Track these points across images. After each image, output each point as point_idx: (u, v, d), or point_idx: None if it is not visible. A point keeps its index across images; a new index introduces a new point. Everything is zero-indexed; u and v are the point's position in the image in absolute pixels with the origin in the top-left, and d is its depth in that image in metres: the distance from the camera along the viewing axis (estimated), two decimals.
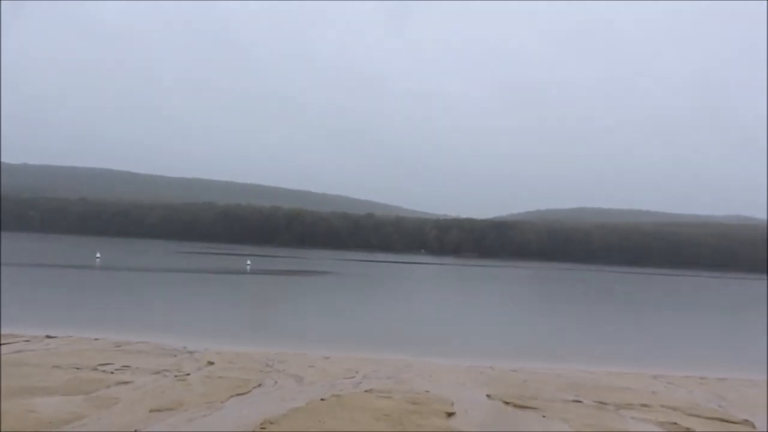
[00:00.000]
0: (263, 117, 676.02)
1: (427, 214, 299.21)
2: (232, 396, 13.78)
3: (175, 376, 15.50)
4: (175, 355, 19.04)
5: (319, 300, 47.22)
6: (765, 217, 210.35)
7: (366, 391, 15.11)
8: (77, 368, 15.71)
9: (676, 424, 13.41)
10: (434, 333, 31.10)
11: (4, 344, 18.76)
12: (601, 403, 15.27)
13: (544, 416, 13.67)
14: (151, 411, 12.01)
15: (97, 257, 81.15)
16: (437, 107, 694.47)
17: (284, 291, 55.69)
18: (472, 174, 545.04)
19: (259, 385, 15.12)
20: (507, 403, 14.76)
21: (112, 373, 15.45)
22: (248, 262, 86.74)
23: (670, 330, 39.19)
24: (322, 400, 13.79)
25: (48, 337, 21.36)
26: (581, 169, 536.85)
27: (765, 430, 13.73)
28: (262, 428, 11.25)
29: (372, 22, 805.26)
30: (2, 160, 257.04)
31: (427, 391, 15.52)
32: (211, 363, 17.84)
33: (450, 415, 13.25)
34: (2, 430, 10.63)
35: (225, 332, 26.23)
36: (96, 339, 21.75)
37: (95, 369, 15.78)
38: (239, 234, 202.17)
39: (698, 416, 14.30)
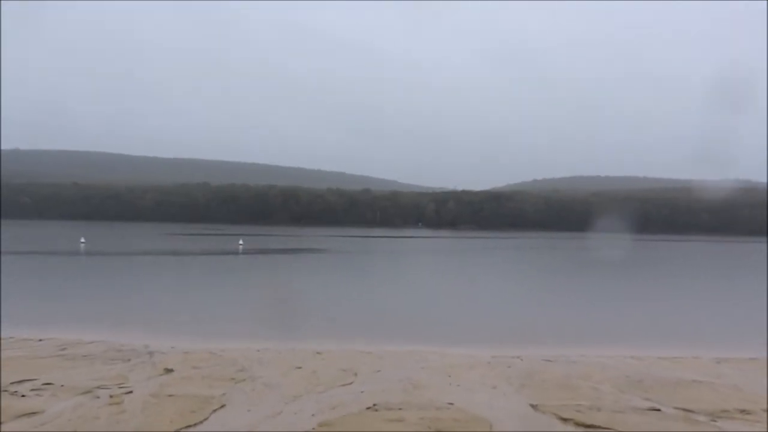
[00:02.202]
0: (257, 94, 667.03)
1: (423, 187, 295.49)
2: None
3: (110, 396, 11.63)
4: (129, 359, 15.26)
5: (312, 281, 43.20)
6: (764, 180, 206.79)
7: (369, 408, 11.27)
8: None
9: None
10: (442, 315, 27.28)
11: None
12: (686, 410, 11.49)
13: None
14: None
15: (82, 242, 77.35)
16: (431, 78, 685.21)
17: (276, 272, 51.69)
18: (467, 146, 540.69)
19: (222, 407, 11.25)
20: (565, 419, 10.88)
21: (22, 396, 11.59)
22: (240, 242, 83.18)
23: (704, 299, 35.68)
24: None
25: None
26: (576, 136, 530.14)
27: None
28: None
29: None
30: None
31: (451, 404, 11.70)
32: (169, 370, 14.04)
33: None
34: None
35: (203, 324, 22.56)
36: (40, 340, 17.98)
37: (4, 390, 11.89)
38: (234, 214, 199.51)
39: None
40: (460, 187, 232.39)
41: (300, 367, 14.75)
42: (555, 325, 24.37)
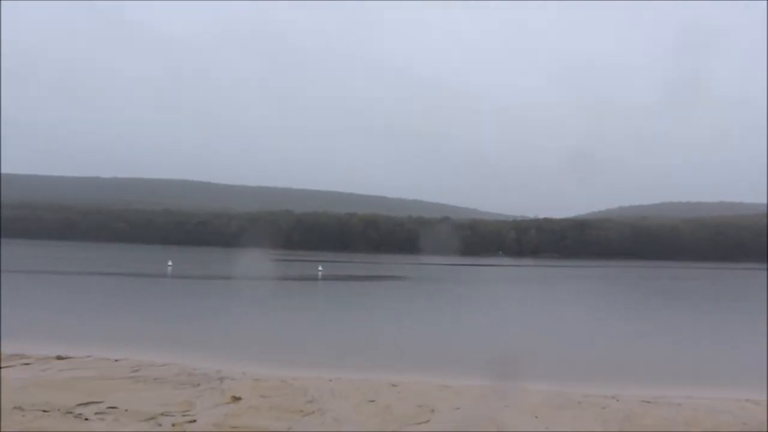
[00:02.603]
0: (338, 125, 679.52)
1: (503, 215, 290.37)
2: None
3: (173, 424, 11.07)
4: (198, 384, 14.78)
5: (389, 308, 42.38)
6: None
7: None
8: (45, 411, 11.59)
9: None
10: (525, 347, 25.57)
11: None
12: None
13: None
14: None
15: (169, 265, 79.65)
16: (503, 104, 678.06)
17: (352, 298, 51.21)
18: (548, 173, 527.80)
19: None
20: None
21: (86, 419, 11.21)
22: (320, 268, 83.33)
23: None
24: None
25: (59, 358, 17.69)
26: (664, 161, 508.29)
27: None
28: None
29: (432, 23, 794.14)
30: (97, 174, 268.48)
31: None
32: (236, 398, 13.39)
33: None
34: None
35: (277, 350, 22.05)
36: (116, 360, 17.86)
37: (69, 412, 11.57)
38: (316, 241, 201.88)
39: None
40: (541, 215, 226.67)
41: (373, 401, 13.79)
42: (652, 362, 22.45)
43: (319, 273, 79.08)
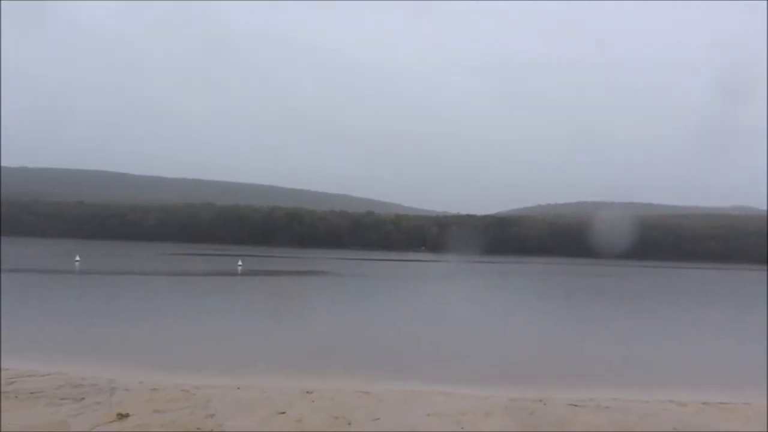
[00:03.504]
0: (261, 115, 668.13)
1: (426, 211, 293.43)
2: None
3: None
4: (82, 398, 12.94)
5: (309, 305, 40.80)
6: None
7: None
8: None
9: None
10: (448, 347, 24.65)
11: None
12: None
13: None
14: None
15: (77, 260, 75.45)
16: (432, 101, 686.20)
17: (272, 295, 49.35)
18: (470, 170, 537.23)
19: None
20: None
21: None
22: (239, 263, 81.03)
23: (738, 332, 33.19)
24: None
25: None
26: (582, 162, 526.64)
27: None
28: None
29: (370, 16, 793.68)
30: (1, 164, 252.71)
31: None
32: (123, 416, 11.70)
33: None
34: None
35: (182, 354, 20.26)
36: None
37: None
38: (238, 235, 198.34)
39: None
40: (463, 212, 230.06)
41: (284, 412, 12.42)
42: (576, 362, 22.02)
43: (239, 268, 76.86)
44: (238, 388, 14.56)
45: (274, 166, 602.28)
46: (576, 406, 13.93)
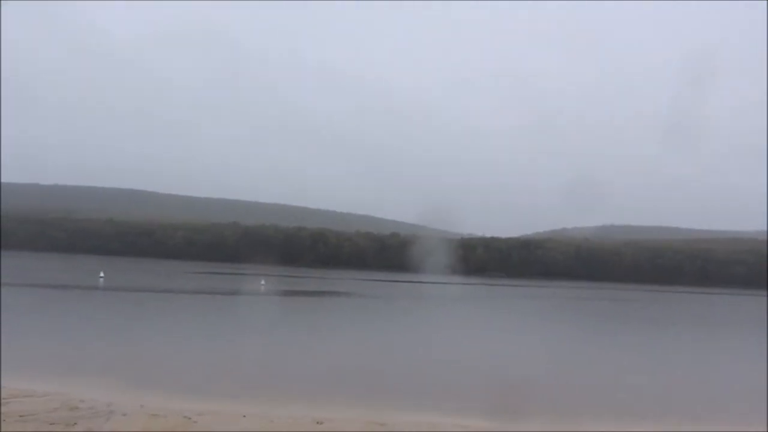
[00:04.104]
0: (287, 138, 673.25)
1: (451, 233, 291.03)
2: None
3: None
4: (74, 423, 12.29)
5: (329, 328, 39.76)
6: None
7: None
8: None
9: None
10: (466, 377, 23.49)
11: None
12: None
13: None
14: None
15: (101, 277, 75.65)
16: (456, 126, 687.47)
17: (293, 315, 48.56)
18: (495, 192, 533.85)
19: None
20: None
21: None
22: (262, 282, 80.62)
23: (753, 362, 31.43)
24: None
25: None
26: (606, 185, 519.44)
27: None
28: None
29: (387, 39, 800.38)
30: (35, 181, 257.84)
31: None
32: None
33: None
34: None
35: (192, 376, 19.49)
36: None
37: None
38: (263, 255, 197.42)
39: None
40: (488, 234, 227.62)
41: None
42: (612, 393, 20.66)
43: (262, 287, 76.41)
44: (244, 416, 13.81)
45: (300, 187, 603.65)
46: None
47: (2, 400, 13.57)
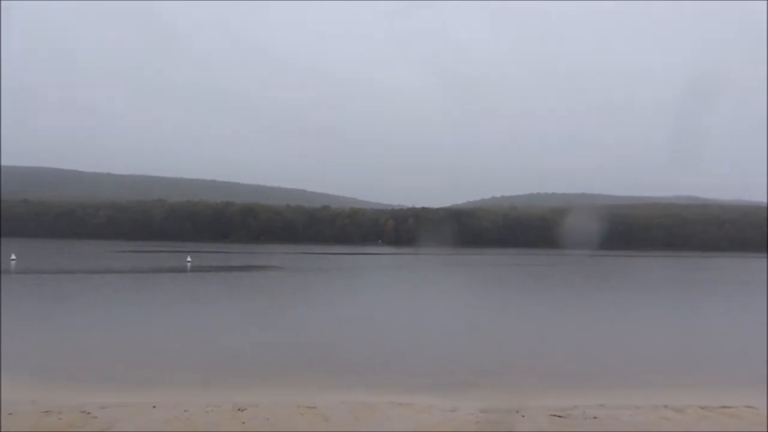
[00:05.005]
0: (214, 112, 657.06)
1: (382, 204, 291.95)
2: None
3: None
4: None
5: (258, 303, 38.03)
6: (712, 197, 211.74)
7: None
8: None
9: None
10: (404, 347, 22.44)
11: None
12: None
13: None
14: None
15: (12, 259, 71.19)
16: (386, 98, 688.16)
17: (219, 292, 46.35)
18: (425, 163, 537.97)
19: None
20: None
21: None
22: (188, 259, 77.85)
23: (711, 323, 31.79)
24: None
25: None
26: (532, 155, 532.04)
27: None
28: None
29: (316, 13, 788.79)
30: None
31: None
32: None
33: None
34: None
35: (99, 364, 17.53)
36: None
37: None
38: (191, 231, 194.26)
39: None
40: (419, 205, 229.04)
41: None
42: (548, 360, 19.99)
43: (188, 264, 73.70)
44: (154, 406, 12.11)
45: (228, 163, 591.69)
46: (560, 417, 11.84)
47: None
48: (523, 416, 11.85)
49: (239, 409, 12.03)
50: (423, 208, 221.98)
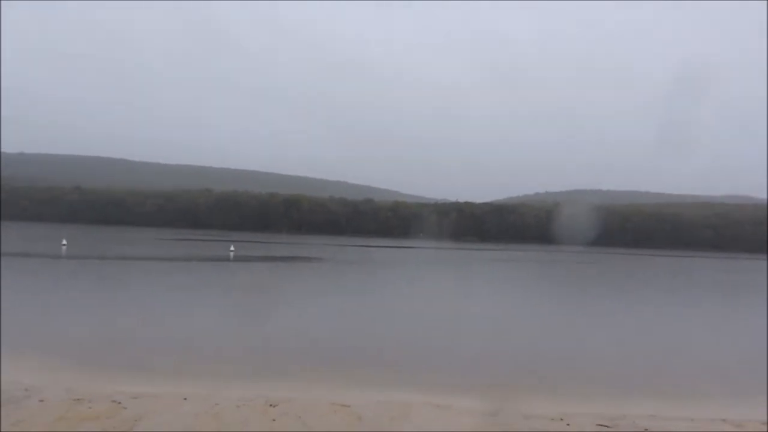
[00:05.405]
0: (261, 104, 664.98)
1: (425, 198, 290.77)
2: None
3: None
4: None
5: (297, 294, 37.70)
6: (764, 196, 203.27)
7: None
8: None
9: None
10: (442, 347, 21.59)
11: None
12: None
13: None
14: None
15: (63, 245, 72.92)
16: (432, 92, 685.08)
17: (261, 281, 46.35)
18: (469, 157, 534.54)
19: None
20: None
21: None
22: (232, 249, 78.56)
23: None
24: None
25: None
26: (578, 151, 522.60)
27: None
28: None
29: (364, 10, 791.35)
30: (1, 150, 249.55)
31: None
32: None
33: None
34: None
35: (136, 352, 17.41)
36: None
37: None
38: (236, 221, 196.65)
39: None
40: (462, 199, 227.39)
41: None
42: (594, 365, 19.08)
43: (231, 253, 74.44)
44: (185, 398, 11.85)
45: (273, 154, 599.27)
46: (607, 427, 11.14)
47: None
48: (568, 425, 11.19)
49: (271, 405, 11.70)
50: (466, 203, 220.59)
